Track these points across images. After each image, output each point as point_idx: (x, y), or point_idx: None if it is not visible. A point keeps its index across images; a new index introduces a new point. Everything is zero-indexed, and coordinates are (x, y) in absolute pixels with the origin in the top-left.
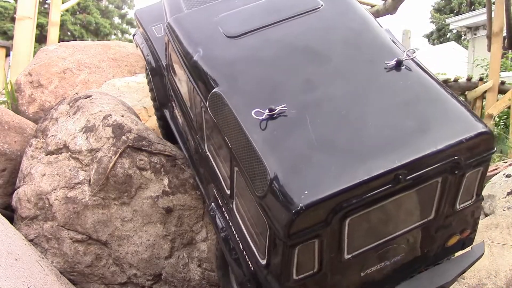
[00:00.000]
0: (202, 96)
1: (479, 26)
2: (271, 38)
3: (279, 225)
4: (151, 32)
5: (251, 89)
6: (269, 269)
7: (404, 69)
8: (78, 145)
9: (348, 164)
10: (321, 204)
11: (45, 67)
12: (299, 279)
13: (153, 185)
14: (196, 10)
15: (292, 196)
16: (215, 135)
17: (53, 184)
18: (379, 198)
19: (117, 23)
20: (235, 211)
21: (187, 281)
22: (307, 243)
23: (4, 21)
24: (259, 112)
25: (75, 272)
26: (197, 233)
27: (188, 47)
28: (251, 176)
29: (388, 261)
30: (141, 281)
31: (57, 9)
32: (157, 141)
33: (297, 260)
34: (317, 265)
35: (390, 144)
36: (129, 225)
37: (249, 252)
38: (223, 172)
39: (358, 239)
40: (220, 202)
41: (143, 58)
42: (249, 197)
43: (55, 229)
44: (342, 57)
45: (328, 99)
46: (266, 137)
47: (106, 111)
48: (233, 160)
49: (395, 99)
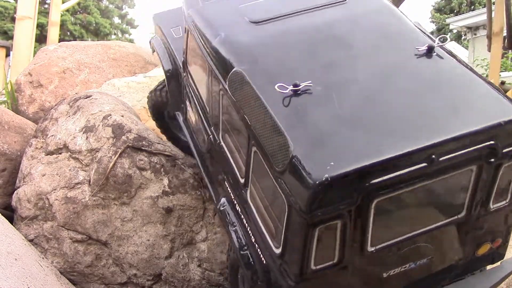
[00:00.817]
0: (221, 77)
1: (479, 26)
2: (296, 25)
3: (301, 199)
4: (169, 34)
5: (274, 69)
6: (284, 259)
7: (435, 55)
8: (78, 145)
9: (378, 139)
10: (348, 178)
11: (45, 67)
12: (317, 270)
13: (153, 185)
14: (215, 2)
15: (316, 167)
16: (232, 118)
17: (53, 184)
18: (410, 180)
19: (117, 23)
20: (249, 201)
21: (187, 281)
22: (329, 224)
23: (4, 21)
24: (282, 87)
25: (75, 272)
26: (197, 233)
27: (209, 32)
28: (271, 152)
29: (413, 264)
30: (141, 281)
31: (57, 9)
32: (157, 141)
33: (316, 244)
34: (338, 254)
35: (423, 123)
36: (129, 225)
37: (263, 244)
38: (238, 160)
39: (384, 230)
40: (232, 195)
41: (159, 62)
42: (266, 180)
43: (55, 229)
44: (370, 44)
45: (355, 80)
46: (288, 112)
47: (106, 111)
48: (252, 139)
49: (427, 83)
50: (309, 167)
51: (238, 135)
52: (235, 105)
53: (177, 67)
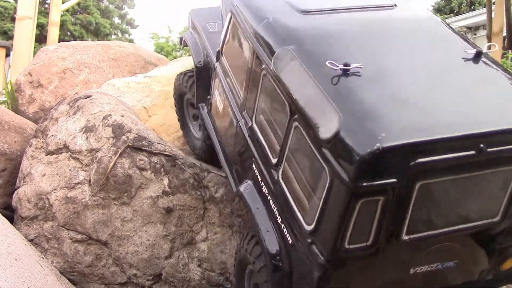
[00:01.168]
0: (266, 57)
1: (479, 26)
2: (345, 19)
3: (349, 168)
4: (204, 28)
5: (321, 52)
6: (316, 235)
7: (482, 60)
8: (78, 145)
9: (429, 121)
10: (398, 151)
11: (45, 67)
12: (349, 251)
13: (153, 185)
14: None
15: (367, 136)
16: (270, 99)
17: (53, 184)
18: (456, 167)
19: (117, 23)
20: (281, 179)
21: (187, 281)
22: (372, 199)
23: (4, 21)
24: (333, 64)
25: (75, 272)
26: (197, 233)
27: (256, 15)
28: (317, 122)
29: (440, 265)
30: (141, 281)
31: (57, 9)
32: (157, 141)
33: (355, 219)
34: (373, 236)
35: (474, 113)
36: (129, 225)
37: (291, 224)
38: (271, 141)
39: (421, 219)
40: (259, 177)
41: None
42: (305, 154)
43: (55, 229)
44: (420, 43)
45: (405, 70)
46: (336, 89)
47: (106, 111)
48: (294, 113)
49: (477, 80)
50: (359, 136)
51: (276, 114)
52: (278, 82)
53: (207, 60)
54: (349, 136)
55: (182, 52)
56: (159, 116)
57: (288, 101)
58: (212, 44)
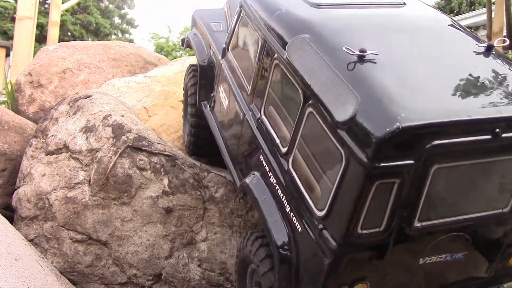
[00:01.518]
0: (278, 47)
1: (479, 26)
2: (357, 13)
3: (367, 147)
4: (209, 27)
5: (335, 40)
6: (327, 221)
7: (493, 53)
8: (78, 145)
9: (446, 105)
10: (417, 131)
11: (45, 67)
12: (361, 236)
13: (153, 185)
14: None
15: (386, 116)
16: (282, 88)
17: (53, 184)
18: (472, 151)
19: (117, 23)
20: (291, 168)
21: (187, 281)
22: (388, 182)
23: (4, 21)
24: (349, 49)
25: (75, 272)
26: (197, 233)
27: (268, 8)
28: (333, 106)
29: (449, 256)
30: (141, 281)
31: (57, 9)
32: (157, 141)
33: (369, 202)
34: (386, 221)
35: (489, 100)
36: (129, 225)
37: (301, 211)
38: (281, 130)
39: (434, 206)
40: (267, 168)
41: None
42: (318, 139)
43: (55, 229)
44: (431, 36)
45: (419, 59)
46: (352, 74)
47: (106, 111)
48: (308, 99)
49: (491, 71)
50: (378, 116)
51: (287, 103)
52: (291, 70)
53: (211, 58)
54: (367, 117)
55: (182, 52)
56: (159, 116)
57: (301, 87)
58: (217, 42)
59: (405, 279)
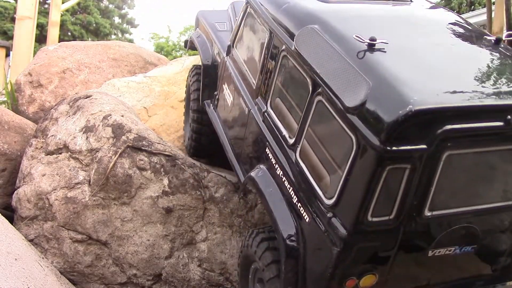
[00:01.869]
0: (287, 38)
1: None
2: (365, 7)
3: (379, 131)
4: (213, 26)
5: (343, 30)
6: (337, 209)
7: (502, 46)
8: (78, 145)
9: (458, 90)
10: (430, 114)
11: (45, 67)
12: (371, 224)
13: (153, 185)
14: None
15: (398, 99)
16: (290, 78)
17: (53, 184)
18: (483, 139)
19: (117, 23)
20: (298, 158)
21: (187, 281)
22: (399, 167)
23: (4, 21)
24: (359, 38)
25: (75, 272)
26: (197, 233)
27: (276, 2)
28: (343, 91)
29: (458, 248)
30: (141, 281)
31: (57, 9)
32: (157, 141)
33: (380, 189)
34: (396, 209)
35: (500, 88)
36: (129, 225)
37: (309, 201)
38: (289, 121)
39: (445, 194)
40: (273, 160)
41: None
42: (328, 127)
43: (55, 229)
44: (439, 29)
45: (429, 48)
46: (363, 61)
47: (106, 111)
48: (317, 88)
49: (499, 63)
50: (391, 99)
51: (295, 93)
52: (299, 60)
53: (215, 57)
54: (379, 101)
55: (182, 52)
56: (159, 116)
57: (310, 76)
58: (221, 41)
59: (413, 272)
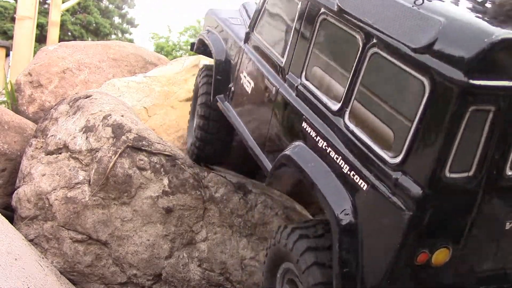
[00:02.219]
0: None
1: None
2: None
3: (462, 61)
4: (226, 20)
5: None
6: (406, 166)
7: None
8: (78, 145)
9: None
10: None
11: (45, 67)
12: (450, 181)
13: (153, 185)
14: None
15: (482, 28)
16: (331, 42)
17: (53, 184)
18: None
19: (117, 23)
20: (348, 122)
21: (187, 281)
22: (483, 109)
23: (4, 21)
24: None
25: (75, 272)
26: (197, 233)
27: None
28: (408, 35)
29: None
30: (141, 281)
31: (57, 9)
32: (157, 141)
33: (461, 135)
34: (476, 164)
35: None
36: (129, 225)
37: (366, 166)
38: (331, 87)
39: None
40: (313, 133)
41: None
42: (387, 78)
43: (55, 229)
44: None
45: None
46: (424, 6)
47: (106, 111)
48: (371, 39)
49: None
50: (472, 30)
51: (339, 55)
52: (344, 19)
53: (229, 52)
54: (456, 35)
55: (182, 52)
56: (159, 116)
57: (362, 29)
58: (237, 32)
59: (488, 248)
